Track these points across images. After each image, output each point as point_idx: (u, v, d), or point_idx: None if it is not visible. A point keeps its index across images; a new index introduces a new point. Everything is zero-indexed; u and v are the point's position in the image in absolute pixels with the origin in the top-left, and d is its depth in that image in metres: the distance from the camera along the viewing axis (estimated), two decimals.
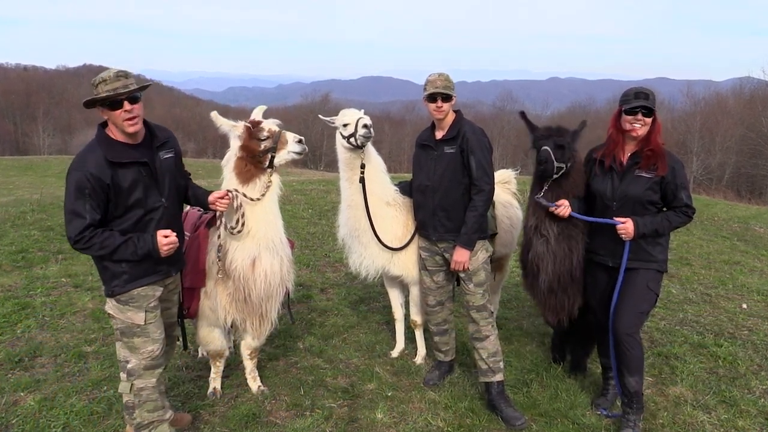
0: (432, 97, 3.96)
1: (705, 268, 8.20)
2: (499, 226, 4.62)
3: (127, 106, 2.98)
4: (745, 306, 6.55)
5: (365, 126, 4.06)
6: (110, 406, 3.92)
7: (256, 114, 3.81)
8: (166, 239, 3.07)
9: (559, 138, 3.90)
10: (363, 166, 4.21)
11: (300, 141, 3.76)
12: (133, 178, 3.06)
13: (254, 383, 4.26)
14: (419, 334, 4.87)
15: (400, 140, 58.50)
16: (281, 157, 3.71)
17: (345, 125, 4.14)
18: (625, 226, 3.64)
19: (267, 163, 3.68)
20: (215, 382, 4.21)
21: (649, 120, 3.66)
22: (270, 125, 3.71)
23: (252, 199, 3.65)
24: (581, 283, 4.10)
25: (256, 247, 3.70)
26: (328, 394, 4.23)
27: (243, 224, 3.63)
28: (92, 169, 2.95)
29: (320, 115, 4.56)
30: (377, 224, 4.31)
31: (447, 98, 3.96)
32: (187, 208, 4.01)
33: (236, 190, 3.63)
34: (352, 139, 4.11)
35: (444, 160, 4.05)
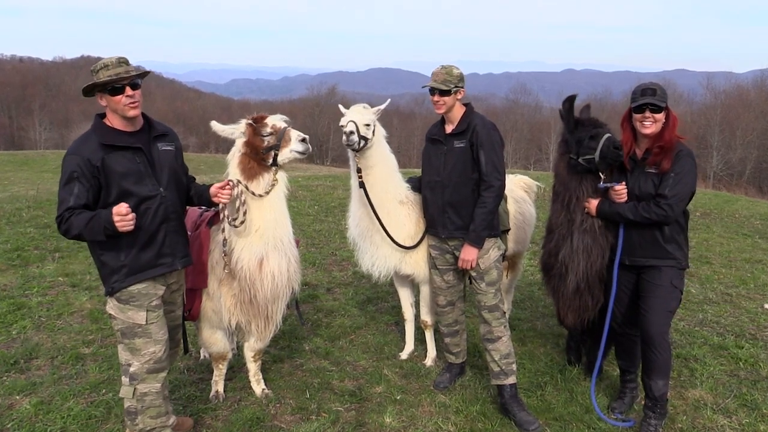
0: (431, 91, 3.90)
1: (725, 267, 8.03)
2: (512, 222, 4.49)
3: (129, 91, 3.01)
4: (767, 306, 6.40)
5: (345, 133, 3.91)
6: (109, 409, 3.86)
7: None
8: (116, 209, 2.85)
9: (607, 128, 3.90)
10: (359, 170, 4.08)
11: (304, 140, 3.62)
12: (127, 164, 3.06)
13: (258, 386, 4.19)
14: (429, 335, 4.76)
15: (409, 134, 58.31)
16: (284, 155, 3.60)
17: (341, 126, 4.00)
18: (590, 206, 3.84)
19: (270, 160, 3.59)
20: (218, 385, 4.14)
21: (659, 116, 3.56)
22: (275, 121, 3.61)
23: (255, 195, 3.56)
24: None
25: (263, 246, 3.60)
26: (335, 397, 4.15)
27: (245, 213, 3.53)
28: (84, 153, 2.97)
29: (340, 105, 4.34)
30: (391, 223, 4.20)
31: (444, 93, 3.84)
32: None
33: (238, 180, 3.54)
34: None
35: (453, 154, 3.93)
